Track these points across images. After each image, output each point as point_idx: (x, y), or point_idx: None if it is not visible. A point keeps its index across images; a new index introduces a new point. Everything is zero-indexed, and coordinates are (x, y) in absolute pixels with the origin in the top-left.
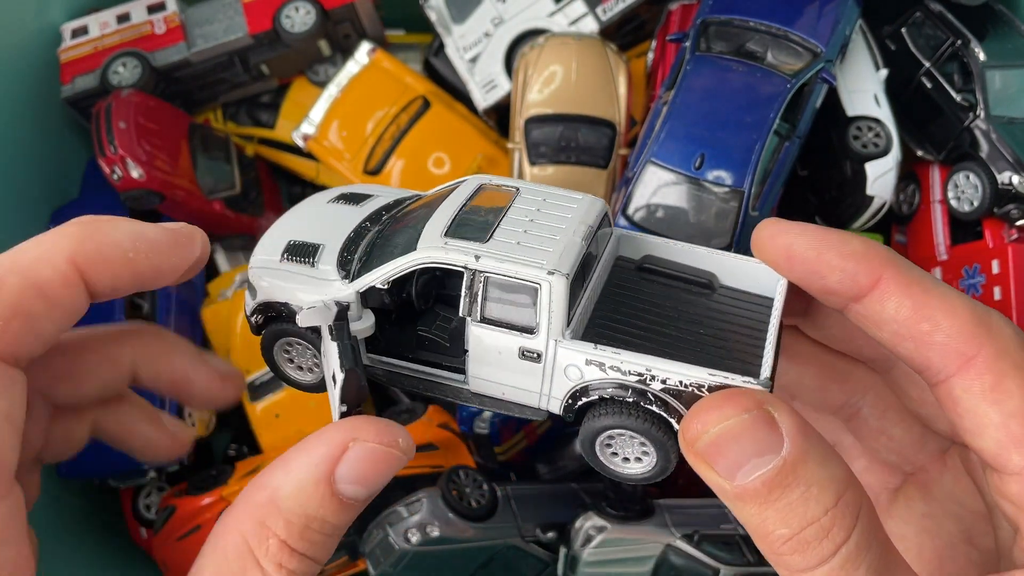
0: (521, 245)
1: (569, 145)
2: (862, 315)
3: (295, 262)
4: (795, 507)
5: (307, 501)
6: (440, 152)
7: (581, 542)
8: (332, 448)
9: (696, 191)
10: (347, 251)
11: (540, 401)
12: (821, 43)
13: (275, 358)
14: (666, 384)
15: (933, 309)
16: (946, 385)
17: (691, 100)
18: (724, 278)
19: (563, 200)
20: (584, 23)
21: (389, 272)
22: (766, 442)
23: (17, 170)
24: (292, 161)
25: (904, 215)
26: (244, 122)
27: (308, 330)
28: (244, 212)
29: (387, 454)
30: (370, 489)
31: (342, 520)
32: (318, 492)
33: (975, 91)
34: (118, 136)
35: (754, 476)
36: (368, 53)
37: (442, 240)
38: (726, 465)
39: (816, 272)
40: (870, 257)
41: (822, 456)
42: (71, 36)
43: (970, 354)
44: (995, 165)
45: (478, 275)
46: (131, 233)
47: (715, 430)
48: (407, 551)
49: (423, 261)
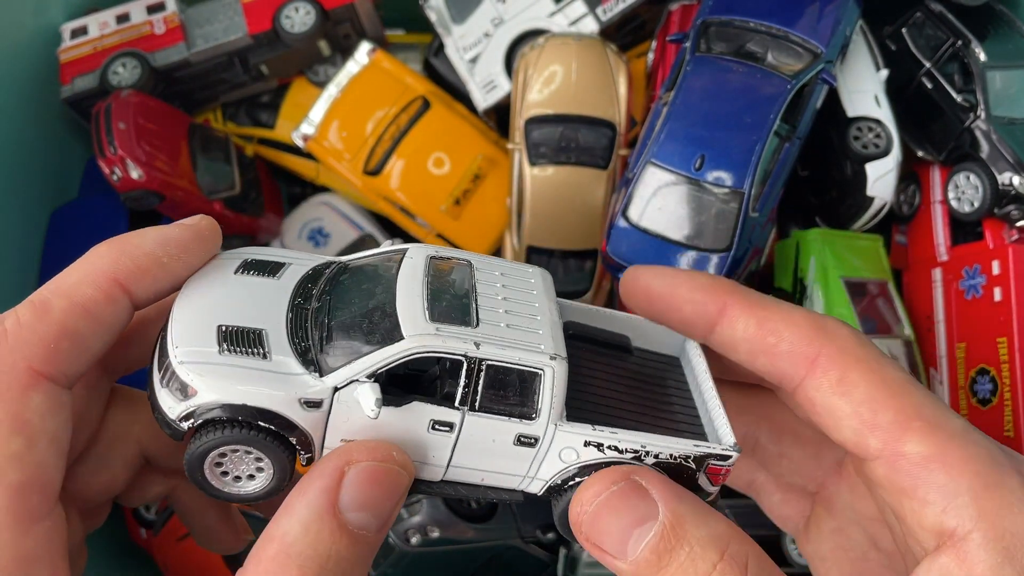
0: (511, 328)
1: (569, 145)
2: (719, 342)
3: (240, 354)
4: (685, 568)
5: (316, 541)
6: (440, 152)
7: None
8: (328, 479)
9: (696, 192)
10: (297, 337)
11: (521, 483)
12: (821, 44)
13: (206, 475)
14: (658, 459)
15: (775, 323)
16: (801, 389)
17: (691, 101)
18: (636, 340)
19: (519, 274)
20: (584, 23)
21: (376, 364)
22: (642, 510)
23: (16, 170)
24: (292, 161)
25: (904, 216)
26: (244, 122)
27: (242, 427)
28: (244, 212)
29: (386, 471)
30: (380, 513)
31: (359, 554)
32: (326, 528)
33: (976, 92)
34: (118, 137)
35: (641, 546)
36: (368, 53)
37: (432, 326)
38: (613, 542)
39: (672, 306)
40: (715, 288)
41: (698, 516)
42: (70, 36)
43: (813, 356)
44: (995, 166)
45: (477, 363)
46: (159, 240)
47: (592, 508)
48: (407, 552)
49: (417, 350)
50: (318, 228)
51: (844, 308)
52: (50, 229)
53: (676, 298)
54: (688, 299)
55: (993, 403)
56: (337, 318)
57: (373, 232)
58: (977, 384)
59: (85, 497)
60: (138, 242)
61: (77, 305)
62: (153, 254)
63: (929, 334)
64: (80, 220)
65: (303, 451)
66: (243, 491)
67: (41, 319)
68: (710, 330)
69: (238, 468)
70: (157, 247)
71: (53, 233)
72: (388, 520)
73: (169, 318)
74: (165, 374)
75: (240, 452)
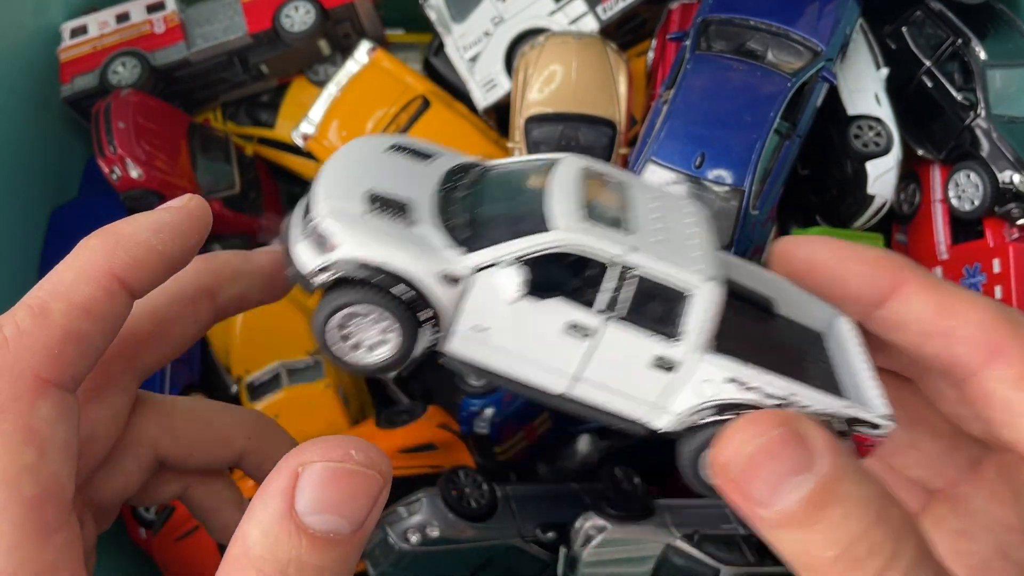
0: (666, 244)
1: (569, 144)
2: (885, 320)
3: (387, 218)
4: (837, 527)
5: (275, 545)
6: None
7: (581, 542)
8: (284, 480)
9: (696, 190)
10: (445, 214)
11: (648, 415)
12: (822, 42)
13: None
14: (803, 411)
15: (957, 306)
16: (976, 379)
17: (691, 99)
18: (779, 307)
19: (678, 201)
20: (584, 22)
21: (523, 250)
22: (801, 459)
23: (16, 169)
24: (292, 161)
25: (905, 214)
26: (244, 122)
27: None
28: (243, 212)
29: (345, 472)
30: (347, 515)
31: (328, 559)
32: (284, 532)
33: (976, 90)
34: (117, 136)
35: (793, 497)
36: (368, 52)
37: (586, 223)
38: (764, 489)
39: (838, 278)
40: (890, 262)
41: (857, 474)
42: (70, 36)
43: (998, 345)
44: (996, 164)
45: (627, 270)
46: (152, 226)
47: (749, 449)
48: (406, 551)
49: (567, 244)
50: None
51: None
52: (50, 228)
53: (844, 270)
54: (858, 272)
55: None
56: (485, 205)
57: None
58: None
59: (99, 502)
60: (131, 231)
61: (77, 306)
62: (148, 243)
63: None
64: (80, 219)
65: (433, 328)
66: (362, 361)
67: (42, 324)
68: (877, 306)
69: (363, 335)
70: (151, 235)
71: (53, 232)
72: (364, 521)
73: (316, 178)
74: (307, 227)
75: (368, 318)
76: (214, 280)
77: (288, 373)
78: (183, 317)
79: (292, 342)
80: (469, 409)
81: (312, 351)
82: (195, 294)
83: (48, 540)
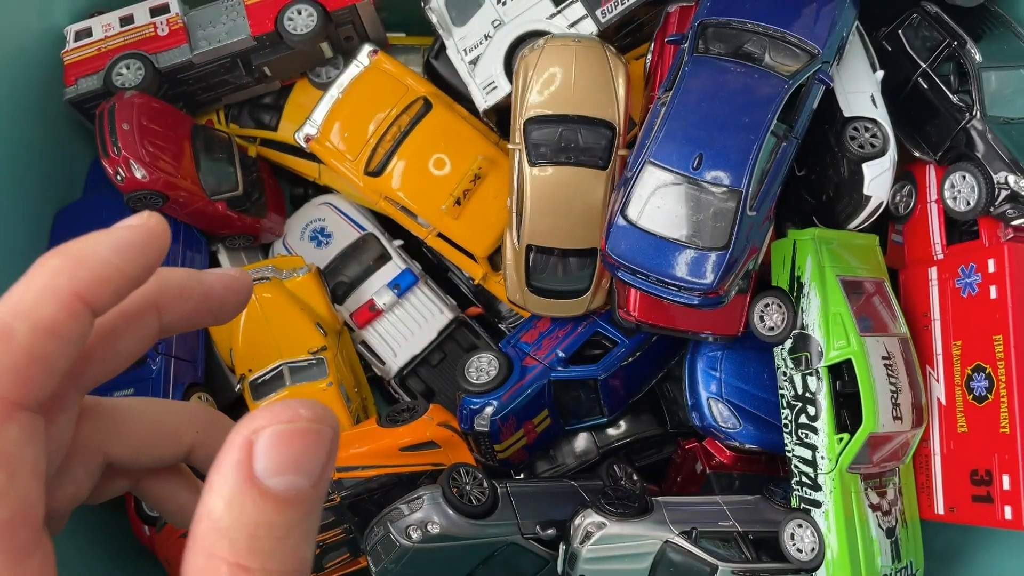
0: None
1: (569, 146)
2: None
3: None
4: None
5: (241, 512)
6: (441, 153)
7: (580, 539)
8: (239, 451)
9: (694, 191)
10: None
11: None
12: (818, 44)
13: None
14: None
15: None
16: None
17: (689, 101)
18: None
19: None
20: (584, 25)
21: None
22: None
23: (21, 171)
24: (294, 162)
25: (900, 215)
26: (246, 123)
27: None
28: (247, 213)
29: (296, 431)
30: (305, 471)
31: (295, 516)
32: (248, 498)
33: (971, 92)
34: (121, 138)
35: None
36: (369, 55)
37: None
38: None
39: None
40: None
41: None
42: (74, 38)
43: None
44: (991, 165)
45: None
46: (111, 244)
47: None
48: (408, 548)
49: None
50: (320, 228)
51: (841, 307)
52: (55, 229)
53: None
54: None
55: (989, 400)
56: None
57: (375, 232)
58: (973, 381)
59: (52, 512)
60: (92, 251)
61: (40, 328)
62: (109, 262)
63: (925, 332)
64: (85, 220)
65: None
66: None
67: (5, 347)
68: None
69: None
70: (111, 253)
71: (58, 233)
72: (322, 474)
73: None
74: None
75: None
76: (161, 296)
77: (290, 372)
78: (129, 332)
79: (294, 341)
80: (470, 407)
81: (313, 349)
82: (141, 309)
83: (23, 564)
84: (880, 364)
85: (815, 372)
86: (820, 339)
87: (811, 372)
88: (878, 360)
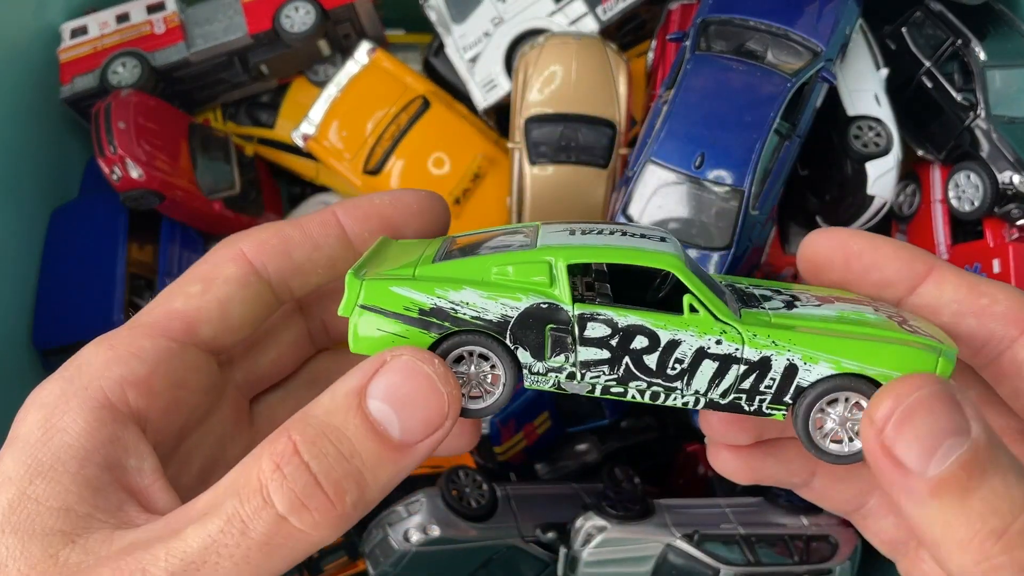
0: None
1: (569, 145)
2: (920, 304)
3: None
4: (998, 495)
5: (333, 411)
6: (440, 152)
7: (581, 542)
8: (369, 365)
9: (696, 190)
10: None
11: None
12: (821, 42)
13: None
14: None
15: (986, 288)
16: (1010, 351)
17: (691, 99)
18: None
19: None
20: (584, 23)
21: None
22: (958, 420)
23: (16, 170)
24: (292, 161)
25: (904, 215)
26: (244, 122)
27: None
28: (244, 212)
29: (421, 372)
30: (402, 418)
31: (362, 448)
32: (345, 402)
33: (976, 91)
34: (117, 136)
35: (950, 461)
36: (368, 53)
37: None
38: (918, 452)
39: (874, 265)
40: (921, 251)
41: (1003, 445)
42: (70, 36)
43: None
44: (996, 165)
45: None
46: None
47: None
48: (407, 551)
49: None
50: None
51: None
52: (50, 228)
53: (879, 256)
54: (894, 256)
55: None
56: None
57: None
58: None
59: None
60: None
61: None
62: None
63: None
64: (80, 220)
65: None
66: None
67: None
68: (911, 290)
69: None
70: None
71: (53, 232)
72: (412, 442)
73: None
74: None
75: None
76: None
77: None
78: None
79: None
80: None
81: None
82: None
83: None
84: None
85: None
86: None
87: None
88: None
